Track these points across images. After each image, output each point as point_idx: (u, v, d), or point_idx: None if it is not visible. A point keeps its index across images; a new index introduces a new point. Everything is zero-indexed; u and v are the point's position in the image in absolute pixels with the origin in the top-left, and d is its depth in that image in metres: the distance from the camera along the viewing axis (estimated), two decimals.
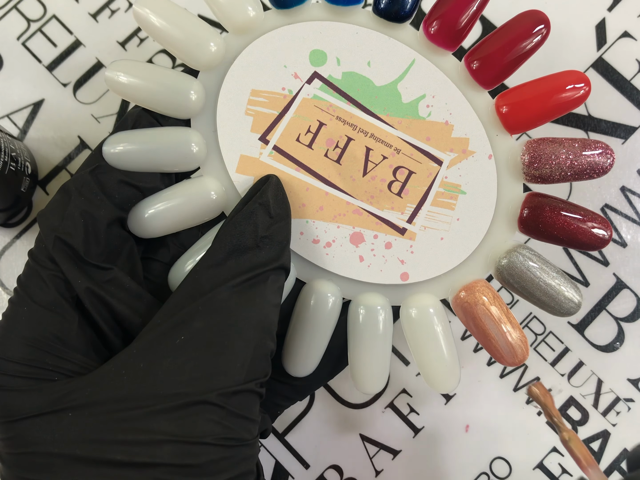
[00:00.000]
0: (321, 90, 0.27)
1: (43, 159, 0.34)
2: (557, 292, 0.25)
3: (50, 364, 0.22)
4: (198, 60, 0.26)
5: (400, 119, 0.27)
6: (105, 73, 0.25)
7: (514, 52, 0.25)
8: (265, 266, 0.23)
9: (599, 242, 0.25)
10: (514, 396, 0.33)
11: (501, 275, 0.26)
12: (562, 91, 0.25)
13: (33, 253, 0.23)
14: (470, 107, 0.27)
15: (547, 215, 0.25)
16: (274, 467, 0.33)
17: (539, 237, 0.26)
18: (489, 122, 0.27)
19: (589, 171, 0.25)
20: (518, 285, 0.25)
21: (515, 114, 0.26)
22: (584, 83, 0.25)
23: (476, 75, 0.26)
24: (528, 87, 0.26)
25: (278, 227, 0.24)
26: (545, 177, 0.25)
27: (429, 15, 0.26)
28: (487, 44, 0.26)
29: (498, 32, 0.26)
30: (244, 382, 0.21)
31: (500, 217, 0.27)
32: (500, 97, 0.26)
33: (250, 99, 0.27)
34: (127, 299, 0.23)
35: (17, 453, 0.21)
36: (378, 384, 0.27)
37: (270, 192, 0.24)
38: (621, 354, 0.33)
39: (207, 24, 0.26)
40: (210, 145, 0.26)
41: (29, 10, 0.35)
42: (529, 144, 0.26)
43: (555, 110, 0.25)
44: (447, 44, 0.26)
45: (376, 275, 0.27)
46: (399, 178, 0.27)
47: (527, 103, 0.26)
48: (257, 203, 0.23)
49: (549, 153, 0.25)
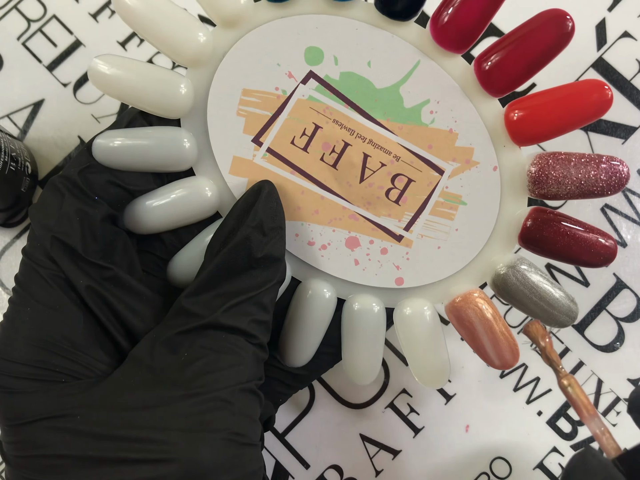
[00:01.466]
0: (317, 92, 0.25)
1: (43, 159, 0.34)
2: (551, 307, 0.25)
3: (56, 365, 0.22)
4: (183, 54, 0.24)
5: (402, 124, 0.25)
6: (89, 64, 0.24)
7: (534, 55, 0.23)
8: (261, 287, 0.23)
9: (602, 261, 0.24)
10: (514, 396, 0.33)
11: (497, 288, 0.25)
12: (582, 99, 0.23)
13: (28, 252, 0.23)
14: (478, 116, 0.25)
15: (550, 233, 0.24)
16: (274, 467, 0.33)
17: (540, 253, 0.25)
18: (497, 132, 0.25)
19: (598, 194, 0.24)
20: (513, 298, 0.25)
21: (527, 124, 0.24)
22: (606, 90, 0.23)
23: (487, 82, 0.24)
24: (543, 96, 0.24)
25: (272, 244, 0.23)
26: (551, 195, 0.24)
27: (437, 12, 0.24)
28: (502, 47, 0.24)
29: (515, 34, 0.23)
30: (247, 381, 0.22)
31: (500, 230, 0.26)
32: (512, 106, 0.24)
33: (242, 99, 0.25)
34: (128, 296, 0.23)
35: (26, 456, 0.21)
36: (370, 376, 0.27)
37: (262, 209, 0.23)
38: (621, 354, 0.33)
39: (192, 15, 0.24)
40: (202, 146, 0.26)
41: (29, 10, 0.35)
42: (537, 159, 0.24)
43: (572, 122, 0.23)
44: (455, 46, 0.24)
45: (371, 278, 0.26)
46: (398, 186, 0.26)
47: (542, 113, 0.24)
48: (250, 227, 0.23)
49: (557, 172, 0.24)
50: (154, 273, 0.26)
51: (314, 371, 0.28)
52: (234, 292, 0.23)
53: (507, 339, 0.25)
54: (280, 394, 0.28)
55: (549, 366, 0.26)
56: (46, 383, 0.22)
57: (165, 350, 0.22)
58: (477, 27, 0.23)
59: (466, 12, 0.23)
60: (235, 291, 0.23)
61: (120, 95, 0.24)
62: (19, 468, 0.21)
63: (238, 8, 0.24)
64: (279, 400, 0.28)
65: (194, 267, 0.25)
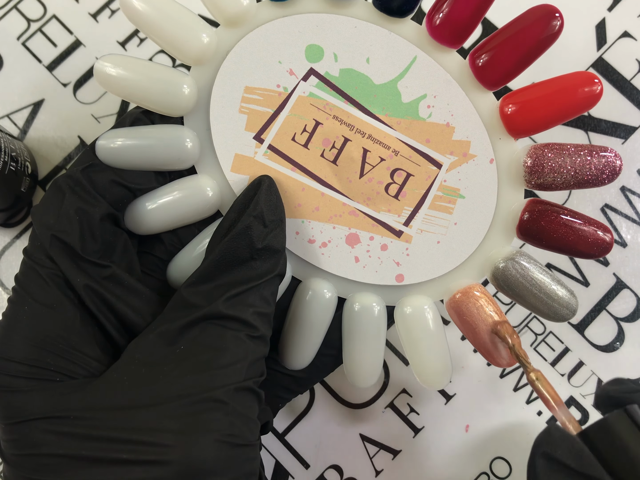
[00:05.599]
0: (317, 88, 0.26)
1: (43, 159, 0.34)
2: (552, 299, 0.25)
3: (52, 364, 0.22)
4: (188, 54, 0.25)
5: (400, 119, 0.26)
6: (94, 65, 0.24)
7: (525, 49, 0.24)
8: (261, 278, 0.23)
9: (598, 251, 0.25)
10: (514, 396, 0.33)
11: (496, 281, 0.26)
12: (573, 92, 0.24)
13: (28, 251, 0.23)
14: (474, 109, 0.26)
15: (547, 224, 0.25)
16: (274, 467, 0.33)
17: (538, 244, 0.25)
18: (492, 125, 0.26)
19: (592, 182, 0.24)
20: (513, 292, 0.25)
21: (521, 116, 0.25)
22: (596, 82, 0.24)
23: (481, 75, 0.25)
24: (536, 89, 0.25)
25: (273, 236, 0.23)
26: (547, 186, 0.25)
27: (432, 8, 0.25)
28: (495, 41, 0.24)
29: (507, 29, 0.24)
30: (244, 379, 0.22)
31: (498, 223, 0.26)
32: (506, 99, 0.25)
33: (244, 96, 0.26)
34: (126, 295, 0.23)
35: (22, 454, 0.21)
36: (371, 379, 0.27)
37: (264, 201, 0.24)
38: (621, 354, 0.33)
39: (196, 15, 0.25)
40: (205, 144, 0.26)
41: (29, 10, 0.35)
42: (532, 150, 0.25)
43: (564, 113, 0.24)
44: (451, 41, 0.25)
45: (371, 276, 0.26)
46: (397, 180, 0.26)
47: (535, 105, 0.24)
48: (251, 216, 0.23)
49: (552, 162, 0.24)
50: (154, 274, 0.26)
51: (314, 374, 0.28)
52: (235, 282, 0.23)
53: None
54: (279, 398, 0.28)
55: (518, 362, 0.27)
56: (42, 382, 0.22)
57: (161, 342, 0.22)
58: (471, 22, 0.24)
59: (461, 8, 0.24)
60: (236, 282, 0.23)
61: (126, 95, 0.24)
62: (16, 466, 0.21)
63: (241, 8, 0.25)
64: (279, 405, 0.28)
65: (193, 267, 0.25)
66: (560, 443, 0.21)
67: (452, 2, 0.24)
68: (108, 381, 0.22)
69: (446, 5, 0.24)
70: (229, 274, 0.23)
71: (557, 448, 0.21)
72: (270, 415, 0.27)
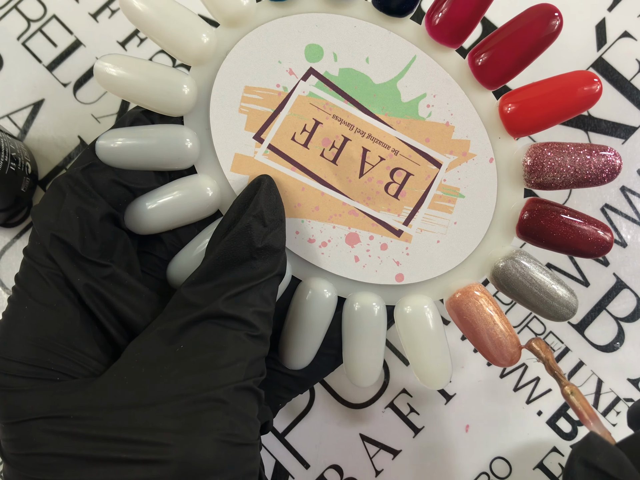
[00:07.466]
0: (317, 88, 0.26)
1: (43, 159, 0.34)
2: (552, 298, 0.25)
3: (52, 364, 0.22)
4: (188, 53, 0.25)
5: (399, 118, 0.26)
6: (94, 65, 0.24)
7: (524, 48, 0.24)
8: (261, 278, 0.23)
9: (598, 250, 0.25)
10: (514, 396, 0.33)
11: (496, 281, 0.26)
12: (573, 91, 0.24)
13: (29, 251, 0.23)
14: (473, 108, 0.26)
15: (547, 223, 0.25)
16: (274, 467, 0.33)
17: (538, 244, 0.25)
18: (492, 124, 0.26)
19: (592, 181, 0.24)
20: (513, 291, 0.25)
21: (521, 115, 0.25)
22: (596, 82, 0.24)
23: (481, 74, 0.25)
24: (535, 88, 0.25)
25: (273, 235, 0.23)
26: (546, 185, 0.25)
27: (432, 8, 0.25)
28: (494, 40, 0.24)
29: (506, 28, 0.24)
30: (244, 379, 0.22)
31: (498, 222, 0.26)
32: (505, 98, 0.25)
33: (244, 96, 0.26)
34: (126, 294, 0.23)
35: (23, 454, 0.21)
36: (371, 378, 0.27)
37: (263, 200, 0.24)
38: (621, 354, 0.33)
39: (196, 15, 0.25)
40: (204, 143, 0.26)
41: (29, 10, 0.35)
42: (532, 149, 0.25)
43: (564, 112, 0.24)
44: (450, 40, 0.25)
45: (371, 275, 0.26)
46: (396, 180, 0.26)
47: (534, 104, 0.24)
48: (251, 216, 0.23)
49: (552, 161, 0.24)
50: (154, 274, 0.26)
51: (314, 374, 0.28)
52: (235, 282, 0.23)
53: (509, 335, 0.25)
54: (279, 398, 0.28)
55: (553, 377, 0.28)
56: (41, 381, 0.22)
57: (161, 342, 0.22)
58: (470, 22, 0.24)
59: (460, 8, 0.24)
60: (236, 281, 0.23)
61: (126, 95, 0.24)
62: (16, 466, 0.21)
63: (241, 8, 0.25)
64: (279, 405, 0.28)
65: (193, 267, 0.25)
66: (600, 451, 0.21)
67: (452, 2, 0.24)
68: (108, 381, 0.22)
69: (445, 4, 0.24)
70: (229, 274, 0.23)
71: (596, 455, 0.21)
72: (270, 415, 0.27)
